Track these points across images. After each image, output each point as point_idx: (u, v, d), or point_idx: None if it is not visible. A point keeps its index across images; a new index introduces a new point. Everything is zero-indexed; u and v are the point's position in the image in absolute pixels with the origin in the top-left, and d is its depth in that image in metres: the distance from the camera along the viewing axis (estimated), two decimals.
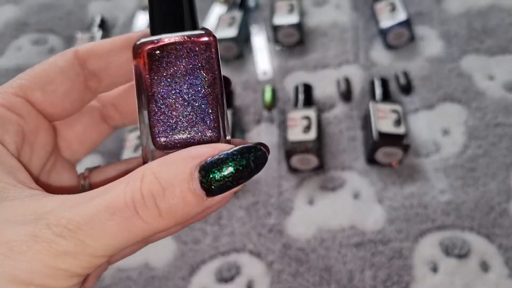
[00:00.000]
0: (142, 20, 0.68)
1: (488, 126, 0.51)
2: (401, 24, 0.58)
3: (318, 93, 0.56)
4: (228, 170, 0.17)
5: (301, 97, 0.54)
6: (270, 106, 0.56)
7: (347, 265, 0.43)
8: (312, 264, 0.44)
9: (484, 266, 0.42)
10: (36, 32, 0.69)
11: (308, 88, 0.55)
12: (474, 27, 0.60)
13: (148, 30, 0.21)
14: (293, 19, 0.60)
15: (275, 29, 0.60)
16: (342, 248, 0.45)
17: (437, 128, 0.52)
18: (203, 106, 0.19)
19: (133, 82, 0.20)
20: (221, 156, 0.17)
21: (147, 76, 0.20)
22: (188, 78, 0.20)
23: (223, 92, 0.20)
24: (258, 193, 0.49)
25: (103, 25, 0.66)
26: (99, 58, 0.22)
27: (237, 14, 0.62)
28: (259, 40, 0.64)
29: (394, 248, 0.44)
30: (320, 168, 0.50)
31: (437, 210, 0.46)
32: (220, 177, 0.17)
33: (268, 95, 0.56)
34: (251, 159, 0.17)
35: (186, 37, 0.20)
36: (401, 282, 0.42)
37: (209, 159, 0.17)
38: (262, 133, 0.54)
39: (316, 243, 0.45)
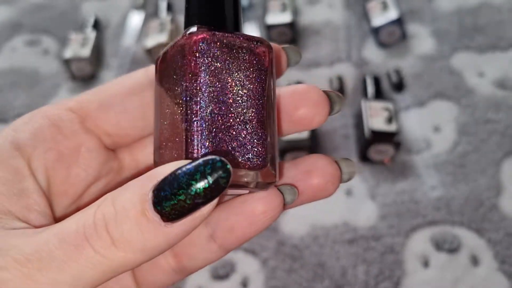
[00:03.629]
0: (135, 20, 0.68)
1: (478, 123, 0.52)
2: (392, 22, 0.58)
3: None
4: (180, 186, 0.14)
5: None
6: None
7: (340, 261, 0.44)
8: (306, 261, 0.45)
9: (474, 260, 0.43)
10: (30, 33, 0.69)
11: None
12: (464, 24, 0.61)
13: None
14: (286, 18, 0.61)
15: (268, 28, 0.61)
16: (335, 244, 0.45)
17: (428, 125, 0.53)
18: (184, 120, 0.17)
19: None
20: (176, 173, 0.15)
21: (191, 72, 0.17)
22: (173, 89, 0.17)
23: (207, 102, 0.17)
24: None
25: (97, 25, 0.66)
26: None
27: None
28: None
29: (386, 244, 0.45)
30: None
31: (428, 205, 0.47)
32: (171, 195, 0.14)
33: None
34: (208, 173, 0.14)
35: (243, 39, 0.17)
36: (392, 277, 0.43)
37: (163, 177, 0.15)
38: None
39: (309, 239, 0.46)
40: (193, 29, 0.17)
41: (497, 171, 0.48)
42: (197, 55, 0.17)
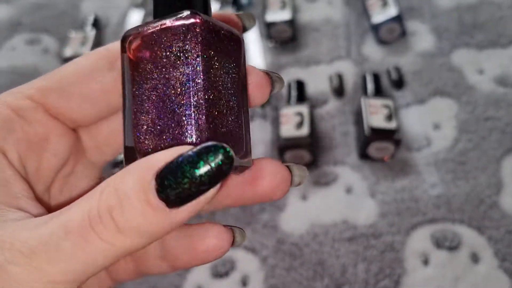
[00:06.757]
0: (135, 18, 0.68)
1: (478, 120, 0.52)
2: (392, 19, 0.58)
3: (311, 89, 0.57)
4: (184, 175, 0.15)
5: (293, 93, 0.54)
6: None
7: (340, 259, 0.44)
8: (305, 259, 0.45)
9: (475, 258, 0.43)
10: (29, 32, 0.69)
11: (300, 85, 0.55)
12: (464, 21, 0.61)
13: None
14: (286, 15, 0.60)
15: (268, 25, 0.61)
16: (335, 242, 0.45)
17: (428, 123, 0.53)
18: (181, 104, 0.16)
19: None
20: (178, 160, 0.15)
21: (131, 71, 0.17)
22: (167, 72, 0.17)
23: (207, 86, 0.16)
24: None
25: (96, 24, 0.66)
26: None
27: (230, 11, 0.62)
28: (252, 37, 0.64)
29: (386, 242, 0.45)
30: (313, 163, 0.50)
31: (428, 203, 0.47)
32: (176, 184, 0.15)
33: None
34: (210, 161, 0.15)
35: (161, 24, 0.17)
36: (393, 275, 0.43)
37: (166, 165, 0.15)
38: (255, 130, 0.54)
39: (309, 238, 0.46)
40: (186, 13, 0.17)
41: (497, 168, 0.48)
42: (199, 39, 0.17)
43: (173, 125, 0.17)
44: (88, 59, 0.20)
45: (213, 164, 0.15)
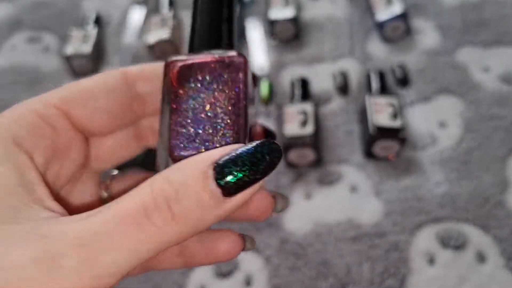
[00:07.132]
0: (137, 16, 0.67)
1: (483, 118, 0.52)
2: (397, 17, 0.58)
3: (315, 87, 0.57)
4: (244, 163, 0.17)
5: (297, 92, 0.54)
6: (266, 101, 0.56)
7: (344, 259, 0.44)
8: (309, 258, 0.44)
9: (480, 257, 0.43)
10: (30, 30, 0.69)
11: (304, 83, 0.55)
12: (468, 19, 0.60)
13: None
14: (289, 13, 0.60)
15: (271, 23, 0.60)
16: (339, 241, 0.45)
17: (433, 121, 0.52)
18: (222, 122, 0.20)
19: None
20: (236, 152, 0.17)
21: (174, 91, 0.20)
22: (212, 95, 0.20)
23: (246, 112, 0.20)
24: None
25: (98, 21, 0.65)
26: (148, 81, 0.22)
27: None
28: (255, 35, 0.64)
29: (390, 241, 0.44)
30: (317, 162, 0.50)
31: (432, 202, 0.46)
32: (236, 171, 0.16)
33: (264, 90, 0.56)
34: (266, 152, 0.17)
35: (215, 57, 0.21)
36: (398, 274, 0.43)
37: (223, 157, 0.17)
38: None
39: (313, 237, 0.46)
40: (233, 52, 0.21)
41: (501, 167, 0.48)
42: (244, 73, 0.20)
43: (216, 138, 0.20)
44: (107, 77, 0.22)
45: (267, 156, 0.17)
